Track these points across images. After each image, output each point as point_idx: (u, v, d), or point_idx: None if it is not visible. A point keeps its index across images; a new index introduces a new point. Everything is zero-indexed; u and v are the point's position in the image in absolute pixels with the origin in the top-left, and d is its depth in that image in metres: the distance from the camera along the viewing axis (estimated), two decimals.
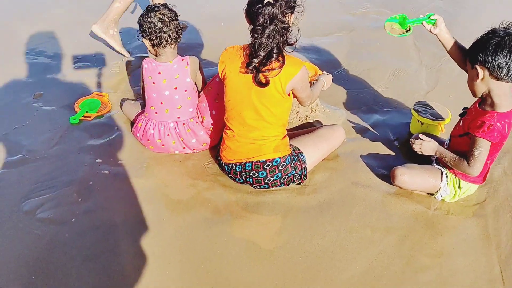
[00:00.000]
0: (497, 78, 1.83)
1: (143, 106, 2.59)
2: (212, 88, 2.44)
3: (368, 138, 2.59)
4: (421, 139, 2.13)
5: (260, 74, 1.95)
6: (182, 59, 2.35)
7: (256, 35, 1.90)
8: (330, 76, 2.52)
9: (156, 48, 2.32)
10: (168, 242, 1.95)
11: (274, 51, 1.91)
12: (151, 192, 2.21)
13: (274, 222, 2.09)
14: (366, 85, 3.08)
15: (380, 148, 2.52)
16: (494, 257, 1.91)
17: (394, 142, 2.57)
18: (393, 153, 2.49)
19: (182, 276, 1.81)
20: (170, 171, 2.34)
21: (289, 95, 2.06)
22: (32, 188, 2.18)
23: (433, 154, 2.12)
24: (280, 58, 1.94)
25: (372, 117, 2.78)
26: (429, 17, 2.10)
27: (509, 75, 1.80)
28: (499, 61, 1.78)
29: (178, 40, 2.35)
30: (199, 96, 2.47)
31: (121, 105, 2.73)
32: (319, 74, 2.52)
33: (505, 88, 1.87)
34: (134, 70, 3.15)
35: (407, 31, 2.19)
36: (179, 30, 2.32)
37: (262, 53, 1.90)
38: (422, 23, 2.12)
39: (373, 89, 3.04)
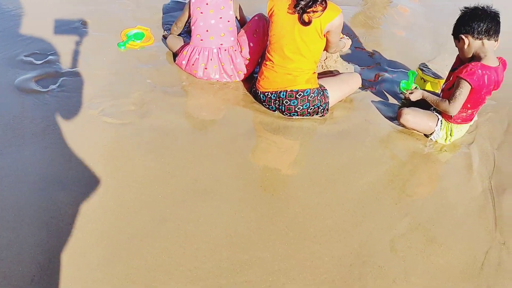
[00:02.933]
0: (479, 38, 2.31)
1: (185, 41, 2.93)
2: (252, 24, 2.80)
3: (378, 89, 3.01)
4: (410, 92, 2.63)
5: (305, 15, 2.33)
6: None
7: None
8: (350, 40, 2.93)
9: None
10: (215, 146, 2.33)
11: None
12: (196, 109, 2.58)
13: (301, 141, 2.50)
14: (377, 50, 3.48)
15: (388, 98, 2.94)
16: (477, 181, 2.37)
17: (399, 94, 2.99)
18: (398, 103, 2.92)
19: (227, 171, 2.19)
20: (211, 95, 2.70)
21: (325, 36, 2.44)
22: (92, 95, 2.51)
23: (421, 97, 2.58)
24: (323, 2, 2.32)
25: (382, 74, 3.19)
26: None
27: (486, 33, 2.28)
28: (474, 25, 2.29)
29: None
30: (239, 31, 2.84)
31: (164, 39, 3.05)
32: (341, 37, 2.92)
33: (487, 46, 2.32)
34: (173, 9, 3.46)
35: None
36: None
37: None
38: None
39: (383, 53, 3.45)
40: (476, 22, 2.29)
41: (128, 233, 1.83)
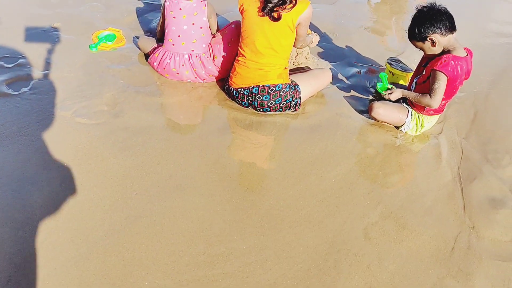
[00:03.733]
0: (446, 35, 2.38)
1: (157, 42, 2.94)
2: (227, 32, 2.82)
3: (349, 83, 3.08)
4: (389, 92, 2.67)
5: (274, 13, 2.38)
6: (201, 1, 2.72)
7: None
8: (318, 37, 2.99)
9: None
10: (189, 143, 2.35)
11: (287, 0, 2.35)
12: (169, 107, 2.59)
13: (274, 136, 2.54)
14: (347, 46, 3.56)
15: (358, 92, 3.01)
16: (446, 169, 2.45)
17: (369, 88, 3.08)
18: (368, 97, 3.00)
19: (201, 166, 2.22)
20: (184, 94, 2.72)
21: (295, 28, 2.49)
22: (64, 96, 2.49)
23: (400, 97, 2.64)
24: (292, 1, 2.37)
25: (352, 69, 3.26)
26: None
27: (451, 28, 2.37)
28: (438, 24, 2.35)
29: None
30: (213, 37, 2.85)
31: (136, 40, 3.06)
32: (309, 33, 2.99)
33: (452, 40, 2.41)
34: (144, 12, 3.46)
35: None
36: None
37: (275, 0, 2.34)
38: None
39: (353, 49, 3.53)
40: (440, 21, 2.36)
41: (104, 230, 1.83)
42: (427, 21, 2.38)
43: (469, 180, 2.39)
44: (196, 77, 2.80)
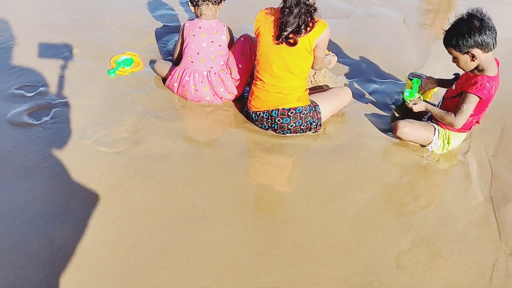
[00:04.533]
0: (486, 52, 2.26)
1: (173, 65, 2.93)
2: (238, 46, 2.81)
3: (369, 101, 3.02)
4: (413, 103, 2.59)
5: (289, 39, 2.34)
6: (220, 22, 2.73)
7: (284, 14, 2.30)
8: (336, 57, 2.95)
9: (195, 7, 2.68)
10: (211, 169, 2.31)
11: (302, 28, 2.31)
12: (189, 132, 2.56)
13: (296, 158, 2.48)
14: (365, 61, 3.51)
15: (380, 110, 2.95)
16: (477, 190, 2.37)
17: (391, 105, 3.01)
18: (390, 114, 2.93)
19: (224, 194, 2.17)
20: (203, 117, 2.69)
21: (313, 51, 2.45)
22: (86, 125, 2.48)
23: (424, 109, 2.57)
24: (309, 25, 2.33)
25: (371, 86, 3.21)
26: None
27: (494, 46, 2.24)
28: (487, 39, 2.19)
29: (217, 5, 2.71)
30: None
31: (153, 64, 3.05)
32: (327, 54, 2.94)
33: (490, 57, 2.33)
34: (160, 35, 3.46)
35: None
36: None
37: (289, 29, 2.31)
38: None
39: (371, 64, 3.47)
40: (487, 37, 2.18)
41: (129, 265, 1.79)
42: (473, 34, 2.19)
43: (502, 201, 2.31)
44: (214, 95, 2.78)
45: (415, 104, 2.58)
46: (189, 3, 2.72)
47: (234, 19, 3.64)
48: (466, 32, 2.22)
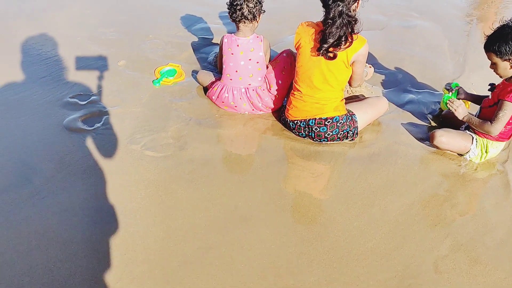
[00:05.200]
0: None
1: (215, 75, 3.07)
2: (280, 61, 2.91)
3: (405, 110, 3.06)
4: (458, 104, 2.61)
5: (329, 53, 2.43)
6: (257, 37, 2.84)
7: (327, 25, 2.38)
8: (372, 68, 3.02)
9: (234, 22, 2.81)
10: (251, 174, 2.42)
11: (343, 39, 2.39)
12: (229, 138, 2.68)
13: (333, 165, 2.56)
14: (400, 71, 3.55)
15: (416, 119, 2.99)
16: None
17: (427, 115, 3.04)
18: (427, 124, 2.96)
19: (264, 197, 2.27)
20: (242, 125, 2.81)
21: (351, 66, 2.53)
22: (134, 131, 2.65)
23: (463, 116, 2.58)
24: (349, 39, 2.41)
25: (407, 96, 3.24)
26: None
27: None
28: None
29: (254, 22, 2.82)
30: (267, 68, 2.95)
31: (195, 74, 3.21)
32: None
33: None
34: (200, 47, 3.63)
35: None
36: (256, 12, 2.79)
37: (331, 40, 2.39)
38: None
39: (407, 74, 3.51)
40: None
41: (178, 261, 1.90)
42: None
43: None
44: (253, 109, 2.89)
45: (458, 107, 2.59)
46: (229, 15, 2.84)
47: (271, 31, 3.78)
48: (510, 39, 2.26)
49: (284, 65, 2.88)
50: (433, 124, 2.95)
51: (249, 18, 2.76)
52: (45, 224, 2.05)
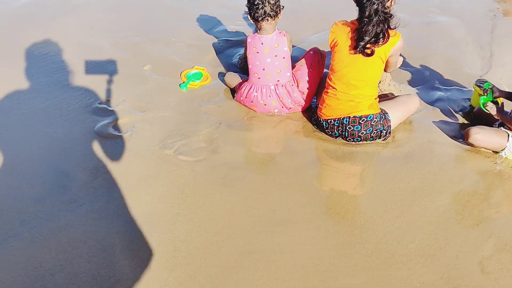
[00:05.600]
0: None
1: (241, 77, 3.06)
2: (307, 59, 2.89)
3: (435, 108, 3.01)
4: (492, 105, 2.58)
5: (367, 50, 2.41)
6: (280, 32, 2.83)
7: (363, 24, 2.36)
8: (402, 57, 2.98)
9: (256, 22, 2.80)
10: (285, 176, 2.40)
11: (380, 36, 2.37)
12: (262, 141, 2.67)
13: (368, 166, 2.53)
14: (427, 69, 3.50)
15: (447, 117, 2.94)
16: None
17: (458, 113, 2.99)
18: (459, 121, 2.91)
19: (301, 200, 2.25)
20: (273, 127, 2.79)
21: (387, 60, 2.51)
22: (165, 135, 2.64)
23: (497, 114, 2.55)
24: (385, 36, 2.39)
25: (436, 93, 3.19)
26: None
27: None
28: None
29: (276, 18, 2.81)
30: (294, 66, 2.93)
31: (222, 76, 3.20)
32: None
33: None
34: (224, 49, 3.63)
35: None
36: (277, 8, 2.78)
37: (367, 38, 2.38)
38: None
39: (433, 72, 3.46)
40: None
41: (221, 266, 1.89)
42: None
43: None
44: (282, 107, 2.88)
45: (492, 107, 2.56)
46: (249, 16, 2.82)
47: (293, 32, 3.75)
48: None
49: (312, 63, 2.87)
50: (465, 121, 2.90)
51: (271, 15, 2.76)
52: (85, 232, 2.06)
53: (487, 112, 2.60)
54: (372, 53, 2.41)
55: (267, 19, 2.76)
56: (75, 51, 3.51)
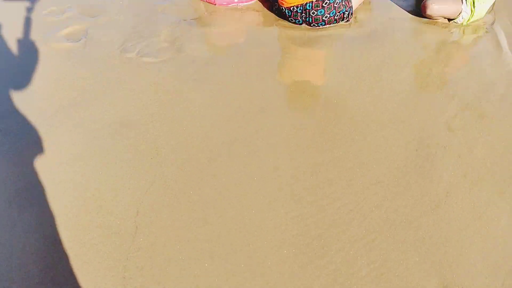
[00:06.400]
0: None
1: None
2: None
3: None
4: None
5: None
6: None
7: None
8: None
9: None
10: (257, 66, 2.37)
11: None
12: (226, 35, 2.59)
13: (336, 47, 2.55)
14: None
15: None
16: (510, 57, 2.48)
17: None
18: None
19: (277, 89, 2.26)
20: (235, 21, 2.69)
21: None
22: (124, 39, 2.49)
23: None
24: None
25: None
26: None
27: None
28: None
29: None
30: None
31: None
32: None
33: None
34: None
35: None
36: None
37: None
38: None
39: None
40: None
41: (207, 157, 1.93)
42: None
43: None
44: None
45: None
46: None
47: None
48: None
49: None
50: None
51: None
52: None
53: None
54: None
55: None
56: None
